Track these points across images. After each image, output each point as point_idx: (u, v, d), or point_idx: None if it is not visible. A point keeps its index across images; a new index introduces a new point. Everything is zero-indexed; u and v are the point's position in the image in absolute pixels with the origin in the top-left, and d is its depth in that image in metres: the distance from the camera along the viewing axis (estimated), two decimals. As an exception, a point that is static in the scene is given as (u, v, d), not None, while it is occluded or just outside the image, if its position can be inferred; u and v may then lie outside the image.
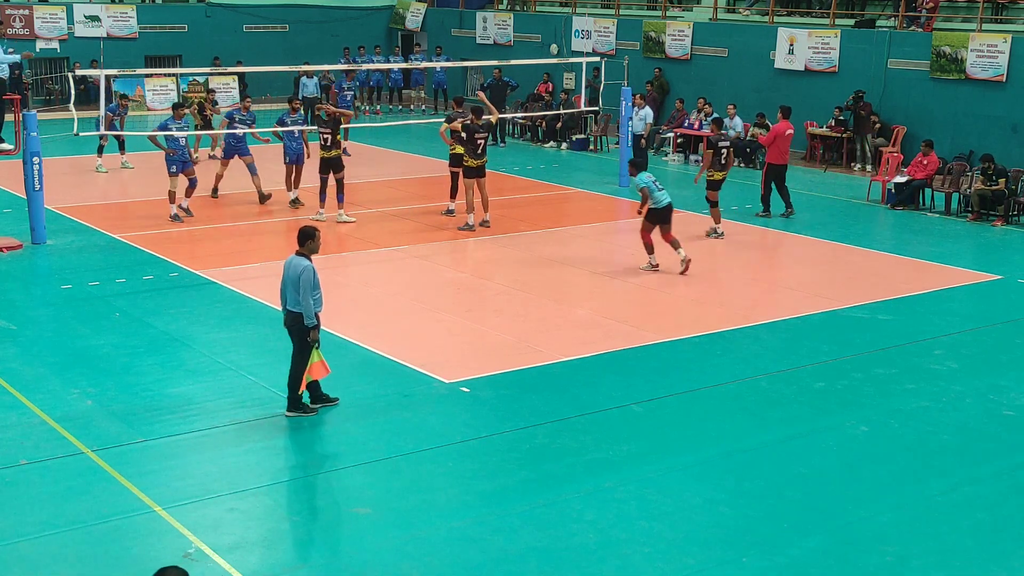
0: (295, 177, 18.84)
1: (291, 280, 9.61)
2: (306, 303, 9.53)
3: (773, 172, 18.65)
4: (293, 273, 9.60)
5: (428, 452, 9.24)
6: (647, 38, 28.30)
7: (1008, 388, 10.96)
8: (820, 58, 24.54)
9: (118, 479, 8.55)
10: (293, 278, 9.58)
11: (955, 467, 9.21)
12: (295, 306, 9.63)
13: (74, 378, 10.67)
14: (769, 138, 18.76)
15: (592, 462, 9.08)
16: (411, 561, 7.45)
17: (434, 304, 13.44)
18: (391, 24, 36.55)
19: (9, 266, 14.81)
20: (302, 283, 9.50)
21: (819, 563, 7.58)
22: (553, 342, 12.02)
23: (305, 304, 9.53)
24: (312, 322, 9.59)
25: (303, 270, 9.54)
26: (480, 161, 17.18)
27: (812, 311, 13.40)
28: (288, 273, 9.66)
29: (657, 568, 7.44)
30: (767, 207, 18.81)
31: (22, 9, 30.45)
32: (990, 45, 21.69)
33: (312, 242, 9.74)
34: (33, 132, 15.71)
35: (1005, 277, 15.20)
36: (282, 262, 9.45)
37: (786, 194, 18.68)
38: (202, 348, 11.64)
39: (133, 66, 28.00)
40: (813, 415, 10.25)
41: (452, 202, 18.17)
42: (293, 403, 9.85)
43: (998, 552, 7.79)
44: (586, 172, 22.99)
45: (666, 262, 14.93)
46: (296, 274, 9.56)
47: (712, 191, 17.00)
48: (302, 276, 9.51)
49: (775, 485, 8.73)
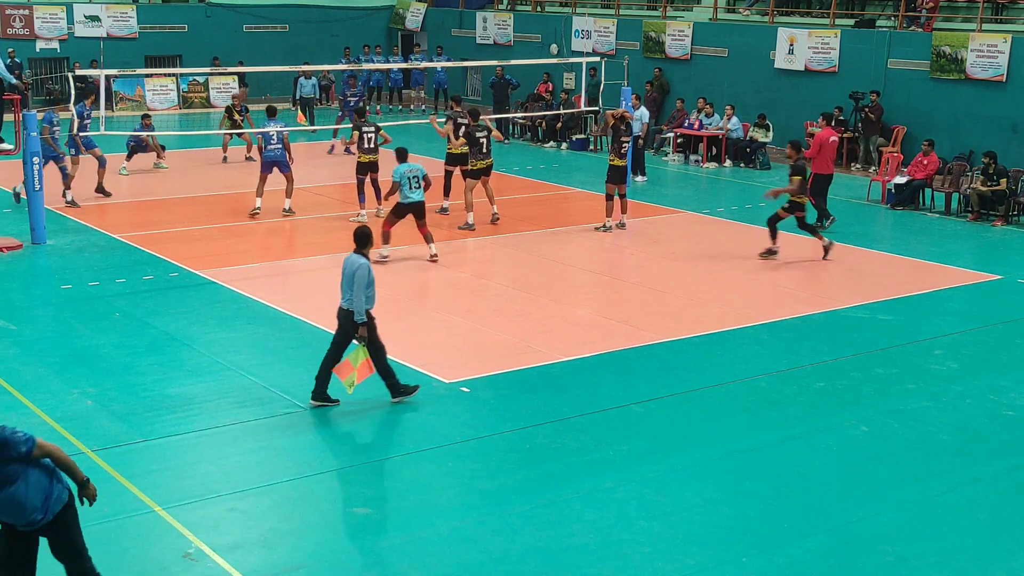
0: (287, 186, 17.89)
1: (347, 277, 9.86)
2: (358, 299, 9.75)
3: (821, 183, 17.67)
4: (349, 270, 9.85)
5: (428, 452, 9.24)
6: (647, 38, 28.30)
7: (1008, 388, 10.97)
8: (820, 58, 24.54)
9: (118, 479, 8.54)
10: (349, 275, 9.83)
11: (955, 467, 9.21)
12: (349, 302, 9.85)
13: (74, 378, 10.67)
14: (815, 149, 17.63)
15: (592, 462, 9.08)
16: (411, 561, 7.45)
17: (434, 304, 13.44)
18: (391, 24, 36.55)
19: (9, 266, 14.80)
20: (356, 280, 9.75)
21: (819, 563, 7.58)
22: (553, 342, 12.02)
23: (357, 301, 9.75)
24: (361, 318, 9.79)
25: (358, 267, 9.79)
26: (486, 162, 17.31)
27: (812, 311, 13.40)
28: (345, 270, 9.91)
29: (657, 568, 7.44)
30: (826, 214, 17.74)
31: (22, 9, 30.45)
32: (990, 45, 21.69)
33: (370, 243, 10.04)
34: (33, 132, 15.71)
35: (1005, 277, 15.20)
36: (282, 262, 9.50)
37: (824, 206, 17.84)
38: (202, 348, 11.64)
39: (133, 66, 28.01)
40: (813, 415, 10.25)
41: (446, 200, 18.21)
42: (319, 393, 10.02)
43: (998, 552, 7.80)
44: (586, 172, 22.98)
45: (664, 264, 14.92)
46: (352, 271, 9.80)
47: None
48: (357, 273, 9.76)
49: (775, 485, 8.73)
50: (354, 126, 17.53)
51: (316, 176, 20.48)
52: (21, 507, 6.12)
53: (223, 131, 23.08)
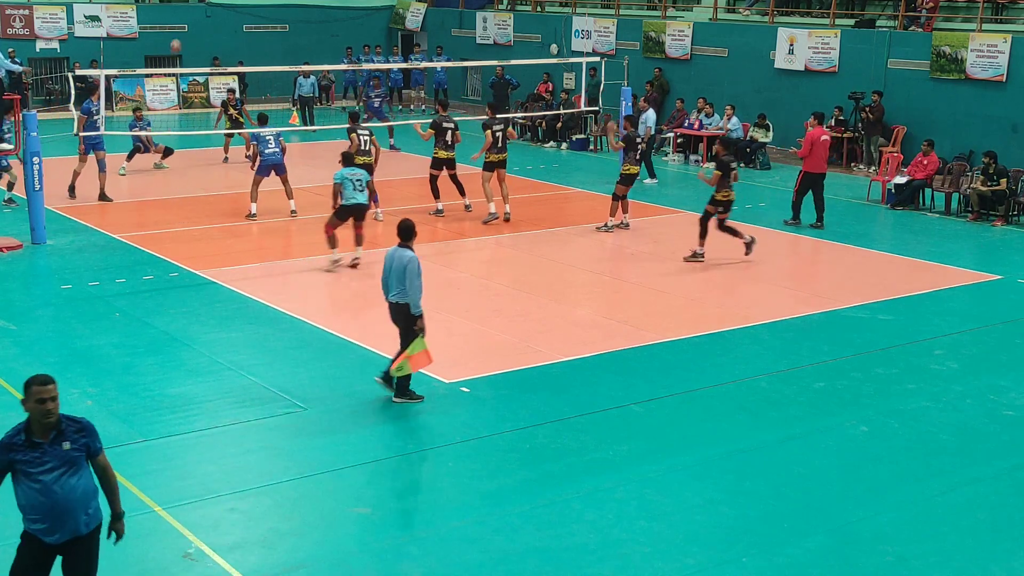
0: (285, 187, 17.88)
1: (396, 271, 9.86)
2: (412, 290, 9.81)
3: (810, 181, 17.83)
4: (399, 264, 9.86)
5: (428, 452, 9.24)
6: (647, 38, 28.31)
7: (1008, 388, 10.96)
8: (820, 58, 24.55)
9: (118, 479, 8.52)
10: (399, 269, 9.85)
11: (955, 467, 9.21)
12: (400, 297, 9.87)
13: (74, 378, 10.66)
14: (806, 148, 17.84)
15: (592, 462, 9.08)
16: (411, 561, 7.45)
17: (434, 304, 13.42)
18: (391, 24, 36.56)
19: (9, 266, 14.81)
20: (408, 272, 9.78)
21: (819, 563, 7.58)
22: (553, 342, 12.02)
23: (412, 291, 9.81)
24: (418, 310, 9.87)
25: (408, 260, 9.83)
26: (501, 156, 17.66)
27: (812, 311, 13.40)
28: (393, 264, 9.91)
29: (657, 568, 7.44)
30: (797, 215, 18.08)
31: (22, 9, 30.45)
32: (990, 45, 21.70)
33: (414, 235, 10.05)
34: (33, 132, 15.71)
35: (1005, 277, 15.20)
36: (282, 262, 9.48)
37: (822, 205, 17.94)
38: (202, 348, 11.64)
39: (133, 66, 28.01)
40: (813, 415, 10.25)
41: (439, 202, 18.30)
42: (400, 389, 10.09)
43: (998, 552, 7.79)
44: (586, 172, 22.99)
45: (666, 266, 14.92)
46: (402, 264, 9.83)
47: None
48: (408, 266, 9.80)
49: (775, 485, 8.73)
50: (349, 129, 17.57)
51: (316, 176, 20.47)
52: (73, 505, 5.91)
53: (223, 131, 23.11)
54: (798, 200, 18.09)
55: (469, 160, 19.28)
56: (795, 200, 18.13)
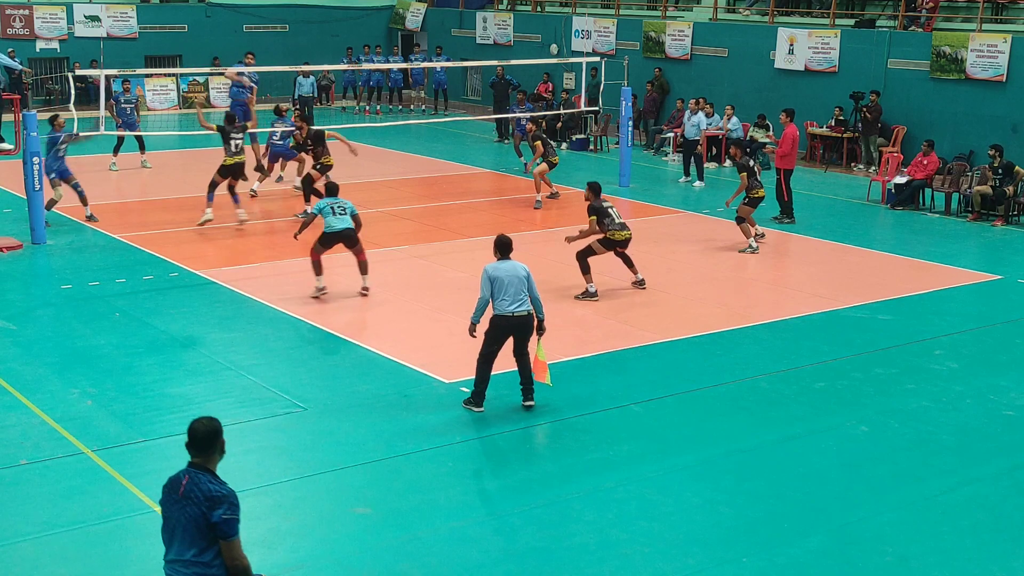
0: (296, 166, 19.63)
1: (516, 282, 9.84)
2: (537, 298, 9.93)
3: (787, 177, 18.28)
4: (521, 274, 9.90)
5: (428, 452, 9.24)
6: (647, 38, 28.30)
7: (1008, 388, 10.96)
8: (820, 58, 24.54)
9: (118, 479, 8.54)
10: (521, 279, 9.87)
11: (955, 467, 9.21)
12: (520, 306, 9.86)
13: (74, 378, 10.67)
14: (787, 146, 18.24)
15: (592, 462, 9.08)
16: (411, 561, 7.45)
17: (434, 304, 13.44)
18: (391, 24, 36.55)
19: (9, 266, 14.81)
20: (530, 281, 9.90)
21: (819, 563, 7.58)
22: (553, 342, 12.00)
23: (537, 300, 9.93)
24: (543, 315, 10.03)
25: (527, 270, 9.95)
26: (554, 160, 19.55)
27: (812, 311, 13.40)
28: (507, 277, 9.85)
29: (657, 568, 7.44)
30: (791, 213, 18.34)
31: (22, 9, 30.45)
32: (990, 45, 21.69)
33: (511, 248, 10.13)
34: (33, 132, 15.71)
35: (1005, 277, 15.20)
36: (282, 262, 9.44)
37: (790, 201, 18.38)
38: (202, 348, 11.64)
39: (133, 66, 28.00)
40: (813, 415, 10.24)
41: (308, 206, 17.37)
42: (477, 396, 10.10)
43: (998, 552, 7.79)
44: (586, 172, 22.95)
45: (663, 269, 14.91)
46: (524, 274, 9.90)
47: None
48: (529, 276, 9.91)
49: (775, 485, 8.73)
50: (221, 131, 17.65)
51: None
52: None
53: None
54: (789, 199, 18.29)
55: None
56: (787, 200, 18.28)
